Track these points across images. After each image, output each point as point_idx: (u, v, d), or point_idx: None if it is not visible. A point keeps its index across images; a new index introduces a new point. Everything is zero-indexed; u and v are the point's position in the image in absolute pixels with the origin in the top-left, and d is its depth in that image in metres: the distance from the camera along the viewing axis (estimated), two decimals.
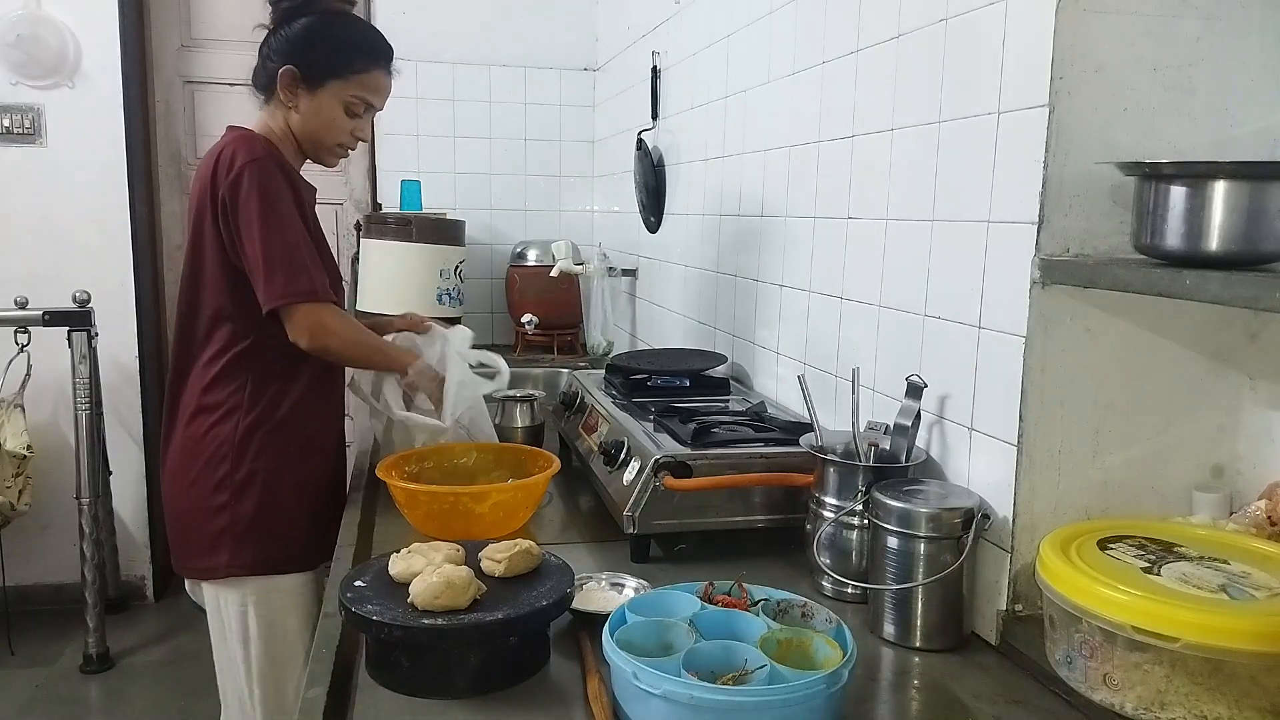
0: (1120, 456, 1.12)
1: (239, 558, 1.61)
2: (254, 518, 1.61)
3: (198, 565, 1.64)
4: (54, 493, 3.28)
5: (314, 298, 1.57)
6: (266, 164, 1.57)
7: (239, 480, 1.61)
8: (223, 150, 1.58)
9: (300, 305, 1.56)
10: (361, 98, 1.68)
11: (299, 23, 1.65)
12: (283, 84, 1.64)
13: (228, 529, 1.61)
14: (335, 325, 1.60)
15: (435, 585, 1.03)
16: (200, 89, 3.62)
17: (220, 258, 1.59)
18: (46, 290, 3.14)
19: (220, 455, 1.61)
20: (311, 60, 1.64)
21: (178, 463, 1.65)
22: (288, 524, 1.64)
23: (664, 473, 1.35)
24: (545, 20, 3.56)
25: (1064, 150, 1.06)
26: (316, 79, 1.65)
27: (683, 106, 2.48)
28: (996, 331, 1.16)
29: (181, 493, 1.65)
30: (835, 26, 1.60)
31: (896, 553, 1.14)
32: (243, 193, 1.54)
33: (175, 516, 1.67)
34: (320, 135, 1.69)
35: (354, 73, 1.66)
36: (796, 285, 1.76)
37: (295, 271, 1.55)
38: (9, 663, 3.13)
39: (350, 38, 1.68)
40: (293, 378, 1.65)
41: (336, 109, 1.67)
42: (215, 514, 1.61)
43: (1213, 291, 0.85)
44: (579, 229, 3.60)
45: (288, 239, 1.56)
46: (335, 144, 1.71)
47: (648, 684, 0.88)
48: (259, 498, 1.62)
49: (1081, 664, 0.93)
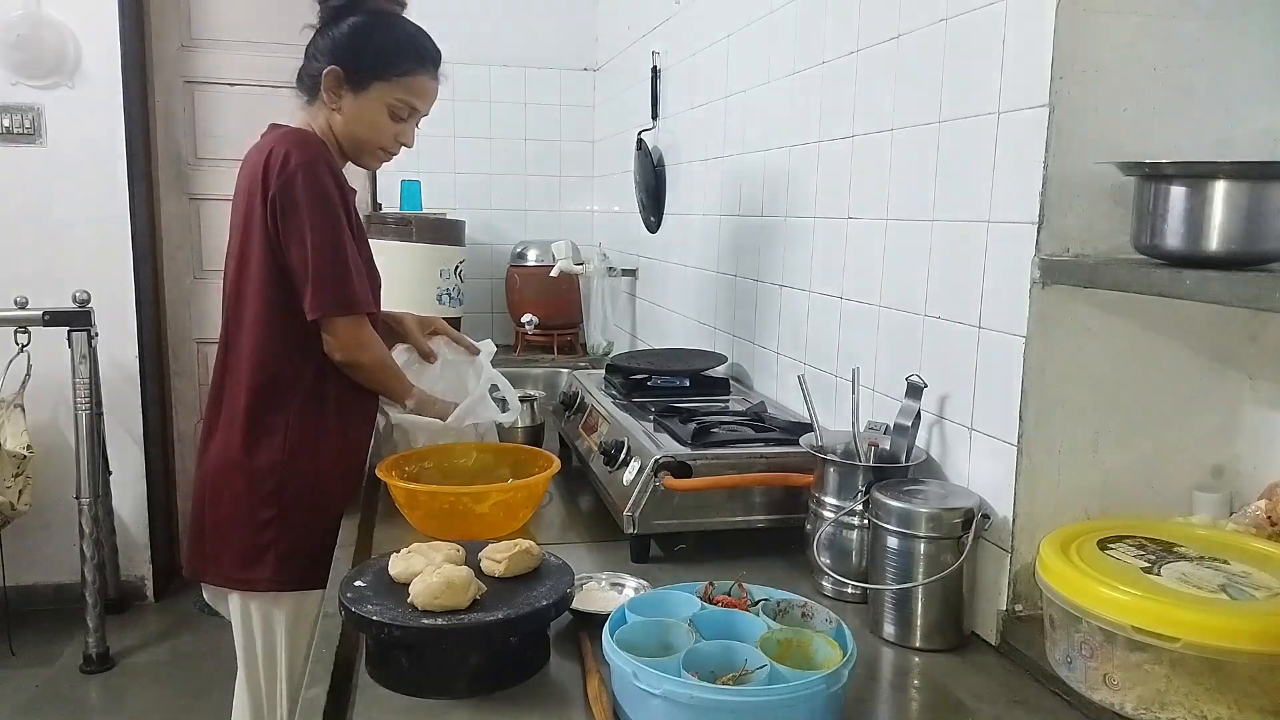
0: (1120, 456, 1.12)
1: (282, 573, 1.61)
2: (300, 535, 1.61)
3: (236, 576, 1.63)
4: (54, 493, 3.28)
5: (356, 309, 1.57)
6: (319, 166, 1.55)
7: (287, 497, 1.61)
8: (274, 147, 1.56)
9: (343, 317, 1.57)
10: (406, 101, 1.66)
11: (346, 22, 1.63)
12: (327, 84, 1.62)
13: (272, 544, 1.60)
14: (371, 343, 1.62)
15: (435, 585, 1.03)
16: (200, 89, 3.62)
17: (267, 256, 1.57)
18: (46, 290, 3.14)
19: (270, 469, 1.60)
20: (357, 61, 1.62)
21: (220, 471, 1.64)
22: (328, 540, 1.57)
23: (664, 473, 1.35)
24: (545, 20, 3.56)
25: (1064, 150, 1.06)
26: (362, 80, 1.62)
27: (683, 106, 2.48)
28: (996, 331, 1.16)
29: (224, 502, 1.63)
30: (835, 26, 1.60)
31: (896, 553, 1.14)
32: (297, 194, 1.53)
33: (214, 524, 1.65)
34: (363, 138, 1.66)
35: (400, 75, 1.64)
36: (796, 285, 1.76)
37: (342, 282, 1.56)
38: (9, 663, 3.13)
39: (397, 39, 1.65)
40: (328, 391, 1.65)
41: (380, 112, 1.64)
42: (262, 528, 1.60)
43: (1213, 291, 0.85)
44: (579, 229, 3.60)
45: (338, 247, 1.55)
46: (378, 147, 1.69)
47: (648, 684, 0.88)
48: (305, 515, 1.61)
49: (1081, 664, 0.93)
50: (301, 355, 1.62)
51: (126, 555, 3.54)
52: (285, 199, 1.53)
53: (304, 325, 1.59)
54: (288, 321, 1.60)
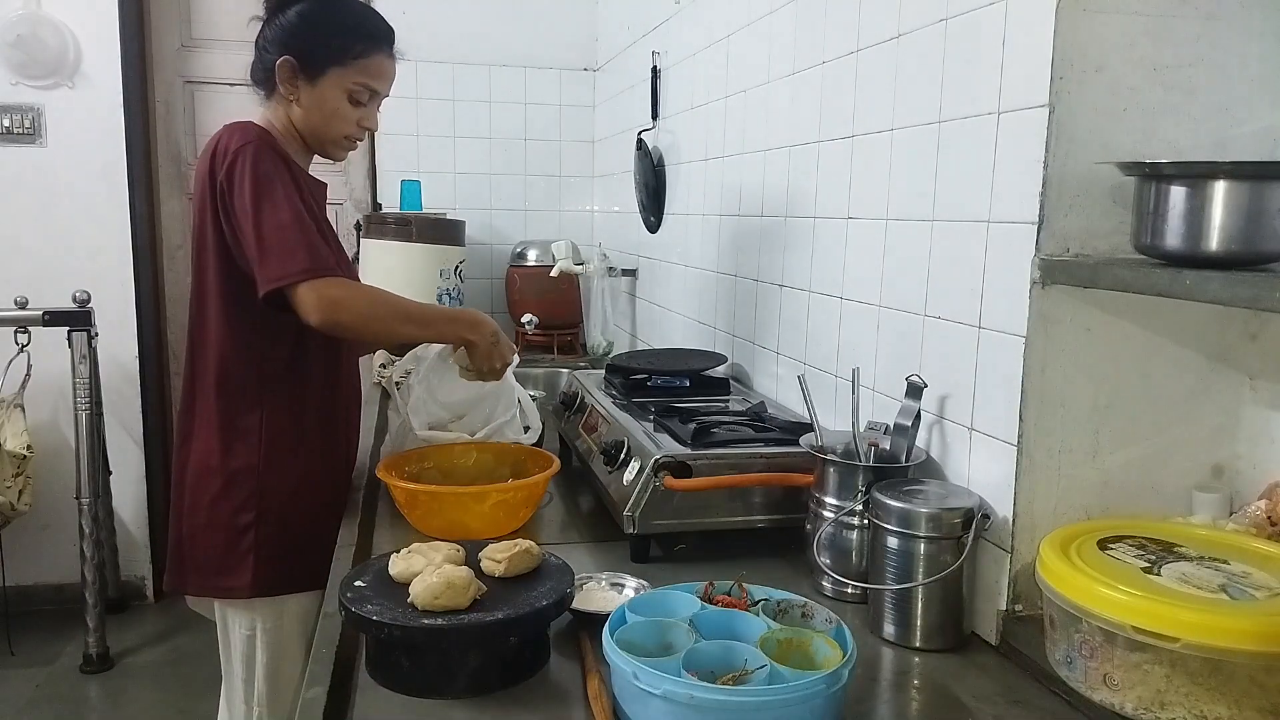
0: (1120, 456, 1.12)
1: (260, 578, 1.57)
2: (279, 539, 1.57)
3: (215, 583, 1.60)
4: (54, 493, 3.28)
5: (313, 274, 1.45)
6: (259, 146, 1.50)
7: (265, 502, 1.57)
8: (219, 141, 1.53)
9: (300, 283, 1.44)
10: (365, 84, 1.58)
11: (293, 9, 1.57)
12: (281, 76, 1.57)
13: (251, 550, 1.56)
14: (342, 295, 1.47)
15: (435, 585, 1.03)
16: (200, 89, 3.62)
17: (221, 249, 1.52)
18: (46, 290, 3.14)
19: (246, 473, 1.56)
20: (309, 49, 1.56)
21: (196, 477, 1.59)
22: (309, 543, 1.58)
23: (664, 473, 1.35)
24: (545, 20, 3.57)
25: (1064, 150, 1.06)
26: (316, 68, 1.56)
27: (683, 106, 2.48)
28: (996, 331, 1.16)
29: (200, 508, 1.59)
30: (835, 26, 1.60)
31: (896, 553, 1.14)
32: (236, 175, 1.47)
33: (191, 532, 1.60)
34: (324, 128, 1.60)
35: (354, 58, 1.56)
36: (796, 285, 1.76)
37: (290, 250, 1.45)
38: (9, 663, 3.13)
39: (347, 21, 1.59)
40: (306, 387, 1.60)
41: (340, 98, 1.58)
42: (240, 534, 1.56)
43: (1213, 291, 0.85)
44: (579, 229, 3.60)
45: (281, 218, 1.46)
46: (342, 136, 1.62)
47: (648, 684, 0.88)
48: (284, 519, 1.58)
49: (1081, 664, 0.93)
50: (269, 351, 1.57)
51: (126, 555, 3.55)
52: (228, 181, 1.48)
53: (268, 321, 1.53)
54: (250, 317, 1.54)
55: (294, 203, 1.49)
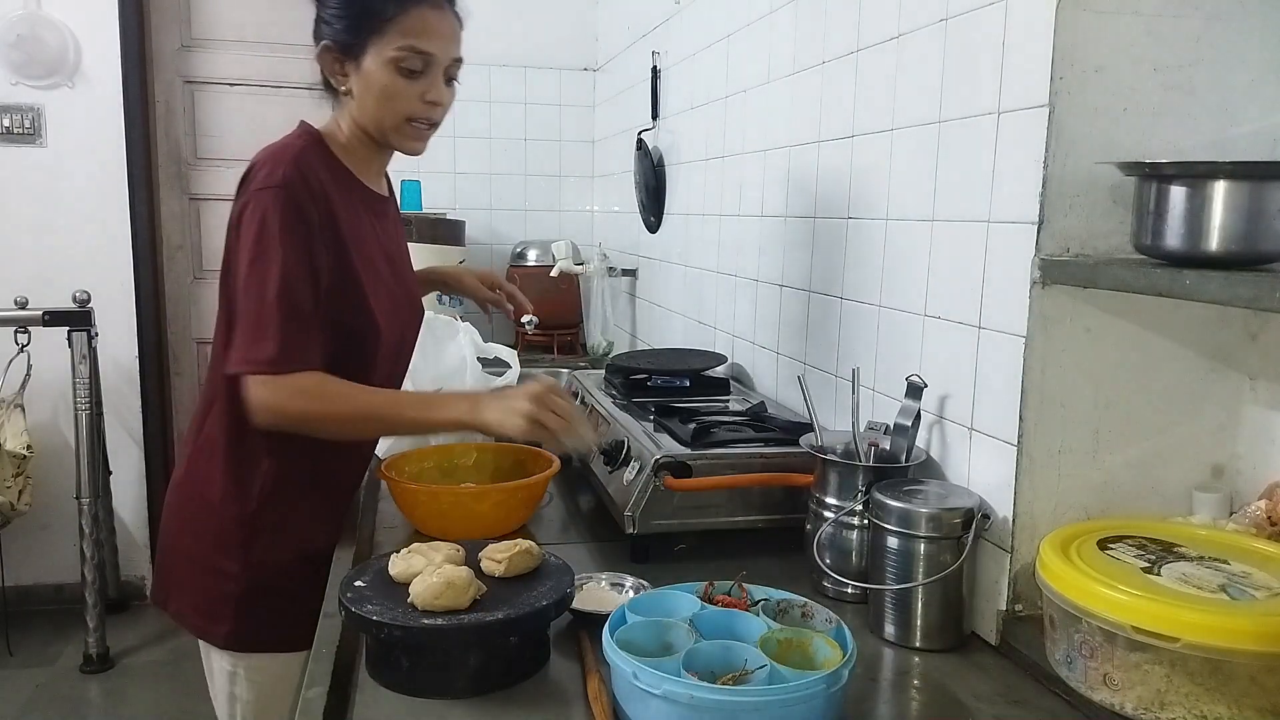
0: (1120, 456, 1.12)
1: (240, 631, 1.44)
2: (263, 595, 1.43)
3: (195, 623, 1.48)
4: (54, 493, 3.28)
5: (274, 368, 1.28)
6: (281, 194, 1.31)
7: (250, 555, 1.43)
8: (252, 167, 1.36)
9: (254, 377, 1.29)
10: (409, 46, 1.36)
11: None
12: (326, 68, 1.41)
13: (234, 598, 1.43)
14: (288, 400, 1.30)
15: (435, 585, 1.03)
16: (200, 89, 3.62)
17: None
18: (46, 290, 3.15)
19: (238, 521, 1.42)
20: (342, 28, 1.38)
21: (189, 502, 1.47)
22: (294, 604, 1.40)
23: (664, 473, 1.35)
24: (545, 20, 3.57)
25: (1064, 150, 1.06)
26: (356, 46, 1.37)
27: (683, 106, 2.48)
28: (996, 331, 1.16)
29: (187, 538, 1.48)
30: (835, 26, 1.60)
31: (896, 553, 1.14)
32: (244, 223, 1.32)
33: (173, 552, 1.50)
34: (381, 112, 1.40)
35: (387, 20, 1.35)
36: (796, 285, 1.76)
37: (260, 333, 1.28)
38: (9, 663, 3.13)
39: None
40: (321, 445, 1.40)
41: (388, 73, 1.37)
42: (222, 579, 1.43)
43: (1213, 291, 0.85)
44: (579, 229, 3.61)
45: (265, 292, 1.29)
46: (403, 119, 1.40)
47: (648, 684, 0.88)
48: (271, 574, 1.44)
49: (1081, 664, 0.93)
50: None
51: (126, 555, 3.55)
52: (236, 223, 1.34)
53: None
54: None
55: (290, 273, 1.31)
